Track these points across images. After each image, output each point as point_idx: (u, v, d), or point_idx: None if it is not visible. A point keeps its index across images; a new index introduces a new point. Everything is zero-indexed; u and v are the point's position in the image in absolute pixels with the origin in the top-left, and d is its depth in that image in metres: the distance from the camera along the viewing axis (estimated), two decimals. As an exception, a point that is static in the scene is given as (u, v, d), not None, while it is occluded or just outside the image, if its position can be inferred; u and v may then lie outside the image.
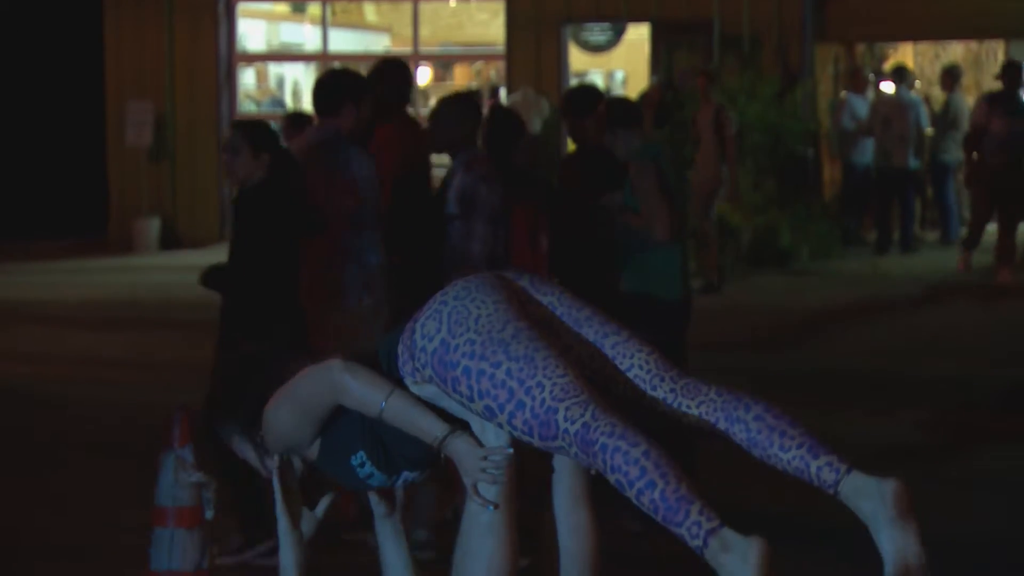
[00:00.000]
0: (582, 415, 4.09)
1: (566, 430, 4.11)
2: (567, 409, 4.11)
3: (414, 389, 4.36)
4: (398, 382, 4.36)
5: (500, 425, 4.21)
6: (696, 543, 4.08)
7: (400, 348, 4.38)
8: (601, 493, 4.53)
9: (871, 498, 4.29)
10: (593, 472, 4.32)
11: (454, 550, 4.23)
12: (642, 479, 4.02)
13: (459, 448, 4.29)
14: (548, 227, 8.88)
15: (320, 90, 8.66)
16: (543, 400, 4.15)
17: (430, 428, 4.32)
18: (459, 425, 4.33)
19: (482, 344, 4.24)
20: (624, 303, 8.66)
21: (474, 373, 4.23)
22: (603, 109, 9.31)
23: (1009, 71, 18.78)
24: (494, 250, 8.09)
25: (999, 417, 11.62)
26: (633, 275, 8.75)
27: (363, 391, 4.35)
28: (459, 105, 8.48)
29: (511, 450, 4.24)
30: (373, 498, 4.69)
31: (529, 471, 4.57)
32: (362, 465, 4.48)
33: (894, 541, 4.24)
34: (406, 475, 4.51)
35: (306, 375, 4.43)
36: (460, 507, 4.48)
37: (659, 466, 4.05)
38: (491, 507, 4.20)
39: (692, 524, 4.07)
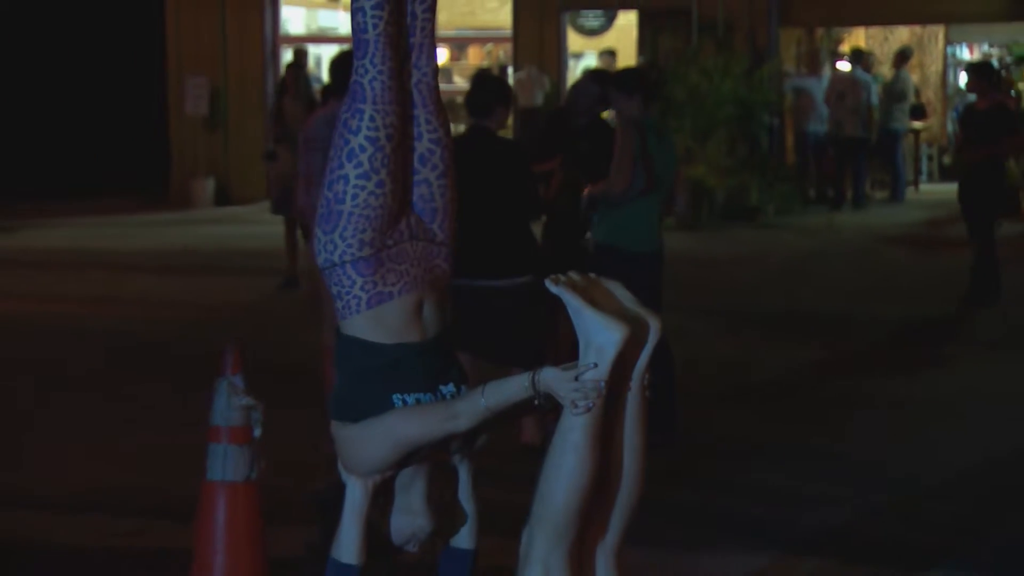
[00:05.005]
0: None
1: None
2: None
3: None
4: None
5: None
6: None
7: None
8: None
9: None
10: (648, 394, 4.22)
11: (543, 464, 4.13)
12: None
13: (549, 378, 4.02)
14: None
15: (338, 70, 8.37)
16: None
17: (518, 383, 4.07)
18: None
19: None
20: (595, 254, 8.58)
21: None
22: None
23: None
24: None
25: (933, 348, 11.59)
26: (603, 228, 8.66)
27: (465, 406, 4.12)
28: None
29: (602, 372, 4.08)
30: (456, 457, 4.38)
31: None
32: (405, 403, 4.21)
33: None
34: (443, 389, 4.32)
35: (405, 420, 4.17)
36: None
37: None
38: (586, 417, 4.01)
39: None
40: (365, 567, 4.26)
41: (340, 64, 8.41)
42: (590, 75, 10.03)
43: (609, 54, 22.65)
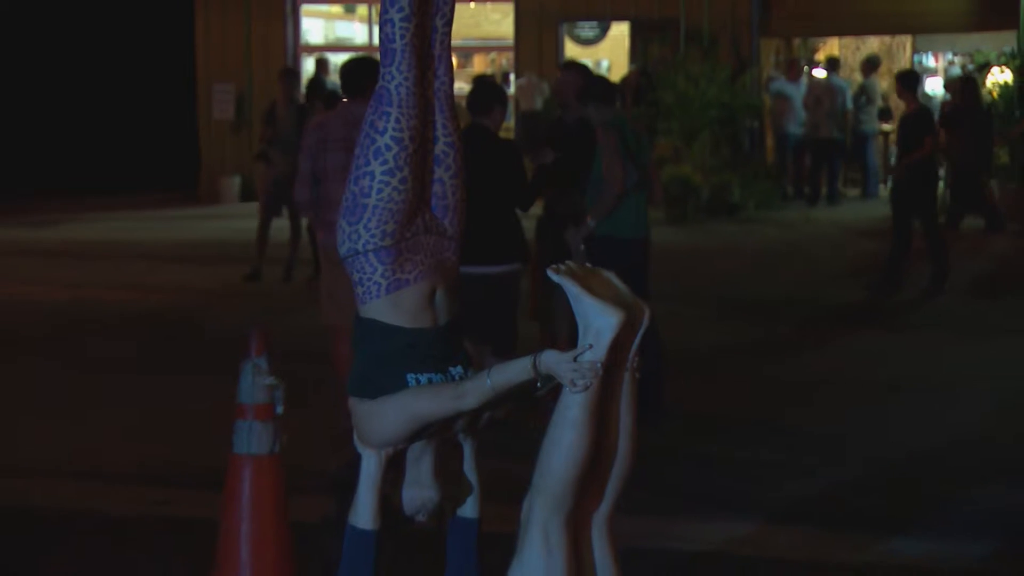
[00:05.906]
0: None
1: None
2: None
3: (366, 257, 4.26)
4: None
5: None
6: None
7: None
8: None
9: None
10: (637, 375, 4.23)
11: (543, 439, 4.14)
12: None
13: (550, 360, 4.02)
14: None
15: (349, 74, 8.34)
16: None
17: (521, 365, 4.07)
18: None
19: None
20: (595, 243, 8.61)
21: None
22: (582, 84, 9.19)
23: None
24: None
25: (899, 331, 11.60)
26: (603, 220, 8.69)
27: (472, 386, 4.12)
28: None
29: (599, 353, 4.09)
30: (460, 436, 4.37)
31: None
32: (418, 382, 4.21)
33: None
34: (452, 371, 4.34)
35: (421, 397, 4.17)
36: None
37: None
38: (583, 394, 4.02)
39: None
40: (380, 532, 4.28)
41: (349, 70, 8.40)
42: (566, 66, 10.13)
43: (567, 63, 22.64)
